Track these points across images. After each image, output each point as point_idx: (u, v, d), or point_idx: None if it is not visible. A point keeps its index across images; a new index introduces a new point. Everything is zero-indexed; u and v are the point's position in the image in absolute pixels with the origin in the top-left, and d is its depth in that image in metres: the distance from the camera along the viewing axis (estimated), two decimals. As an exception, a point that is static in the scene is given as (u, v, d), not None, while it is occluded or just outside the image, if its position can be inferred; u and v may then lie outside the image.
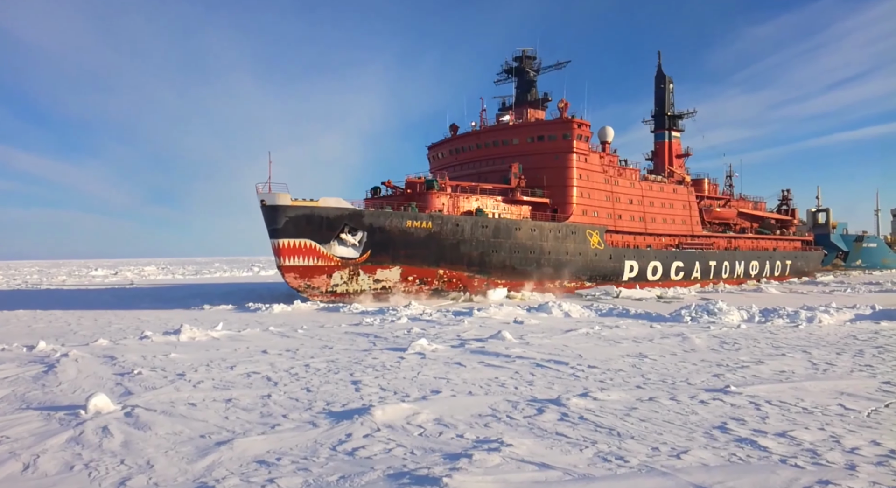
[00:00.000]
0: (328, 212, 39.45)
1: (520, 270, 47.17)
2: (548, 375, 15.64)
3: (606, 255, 53.27)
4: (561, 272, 49.77)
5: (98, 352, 20.31)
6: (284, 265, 39.18)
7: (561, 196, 52.48)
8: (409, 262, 42.49)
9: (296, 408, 12.40)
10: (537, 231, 48.00)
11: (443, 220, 43.11)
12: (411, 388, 14.19)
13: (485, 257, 45.16)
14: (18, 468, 8.90)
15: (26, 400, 13.28)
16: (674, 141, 77.38)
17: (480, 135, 56.00)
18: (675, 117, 78.56)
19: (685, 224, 64.12)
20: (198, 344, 22.49)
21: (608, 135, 60.00)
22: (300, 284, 40.13)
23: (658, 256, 58.58)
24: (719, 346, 20.56)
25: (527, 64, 59.28)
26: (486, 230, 45.09)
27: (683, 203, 64.42)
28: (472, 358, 18.41)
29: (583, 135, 53.18)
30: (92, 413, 11.75)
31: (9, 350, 20.86)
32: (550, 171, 52.71)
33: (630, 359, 17.99)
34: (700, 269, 62.86)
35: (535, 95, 58.93)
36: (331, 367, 17.05)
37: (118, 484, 8.26)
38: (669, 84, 78.11)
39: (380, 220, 41.01)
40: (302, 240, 39.02)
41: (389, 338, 23.61)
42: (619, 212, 56.71)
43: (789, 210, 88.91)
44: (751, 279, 70.59)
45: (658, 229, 60.85)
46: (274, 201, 38.36)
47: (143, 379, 15.48)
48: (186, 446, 9.91)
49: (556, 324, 27.84)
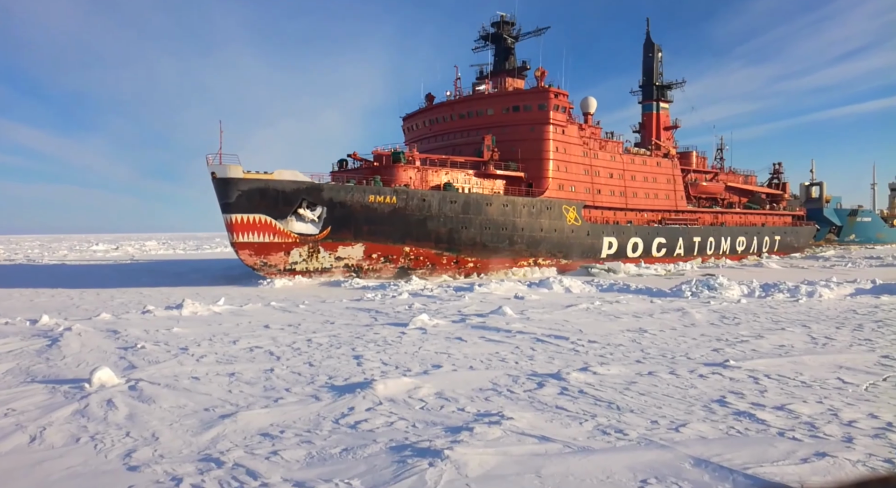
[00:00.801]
0: (284, 185, 37.34)
1: (491, 247, 45.24)
2: (548, 350, 15.74)
3: (584, 232, 51.09)
4: (535, 249, 47.84)
5: (101, 326, 20.44)
6: (238, 241, 37.28)
7: (536, 170, 49.93)
8: (372, 239, 40.66)
9: (298, 382, 12.51)
10: (510, 206, 45.80)
11: (408, 195, 41.06)
12: (413, 363, 14.29)
13: (454, 234, 43.18)
14: (25, 440, 9.01)
15: (31, 374, 13.40)
16: (662, 112, 74.42)
17: (455, 105, 53.07)
18: (664, 88, 75.26)
19: (669, 199, 61.79)
20: (200, 318, 22.63)
21: (590, 107, 57.80)
22: (255, 262, 38.25)
23: (639, 232, 56.55)
24: (719, 321, 20.65)
25: (505, 30, 55.59)
26: (455, 205, 42.96)
27: (668, 177, 61.94)
28: (472, 333, 18.51)
29: (560, 106, 50.34)
30: (96, 386, 11.86)
31: (12, 324, 20.99)
32: (525, 144, 49.97)
33: (630, 334, 18.09)
34: (683, 246, 60.91)
35: (514, 64, 55.60)
36: (333, 342, 17.17)
37: (124, 455, 8.37)
38: (658, 52, 74.67)
39: (340, 195, 38.99)
40: (256, 215, 37.03)
41: (391, 313, 23.73)
42: (598, 186, 54.31)
43: (780, 184, 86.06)
44: (737, 256, 68.27)
45: (640, 204, 58.51)
46: (225, 174, 36.11)
47: (147, 354, 15.60)
48: (191, 419, 10.02)
49: (557, 300, 27.94)
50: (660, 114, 74.03)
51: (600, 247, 52.39)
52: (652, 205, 59.84)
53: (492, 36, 55.89)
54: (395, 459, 8.05)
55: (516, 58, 56.08)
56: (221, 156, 36.47)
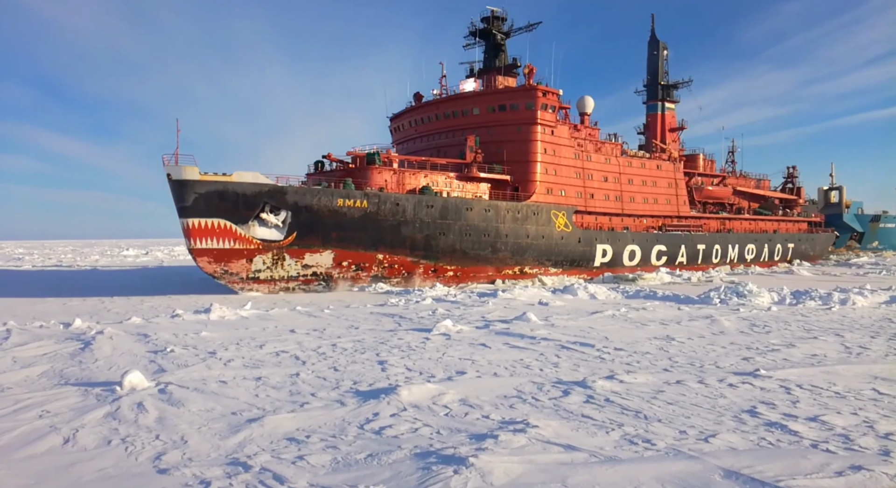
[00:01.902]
0: (244, 188, 34.83)
1: (472, 255, 42.38)
2: (573, 357, 15.60)
3: (574, 238, 47.85)
4: (521, 257, 44.97)
5: (132, 329, 20.86)
6: (195, 248, 34.77)
7: (523, 173, 46.86)
8: (342, 246, 38.06)
9: (324, 387, 12.59)
10: (492, 211, 42.82)
11: (380, 199, 38.41)
12: (437, 369, 14.29)
13: (431, 240, 40.43)
14: (59, 441, 9.22)
15: (64, 376, 13.72)
16: (667, 113, 71.12)
17: (440, 104, 49.94)
18: (669, 87, 72.06)
19: (670, 204, 58.29)
20: (227, 322, 22.94)
21: (587, 107, 54.99)
22: (215, 270, 35.73)
23: (636, 239, 53.15)
24: (749, 329, 20.25)
25: (495, 26, 52.57)
26: (432, 210, 40.14)
27: (669, 180, 58.46)
28: (496, 339, 18.45)
29: (549, 105, 47.34)
30: (127, 389, 12.10)
31: (46, 327, 21.54)
32: (512, 145, 47.03)
33: (657, 342, 17.84)
34: (686, 253, 57.27)
35: (505, 61, 52.62)
36: (357, 347, 17.26)
37: (154, 458, 8.51)
38: (663, 50, 71.78)
39: (306, 198, 36.38)
40: (215, 219, 34.51)
41: (414, 318, 23.77)
42: (591, 190, 51.24)
43: (794, 188, 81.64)
44: (746, 264, 64.72)
45: (637, 210, 55.22)
46: (180, 175, 33.61)
47: (176, 357, 15.86)
48: (219, 422, 10.15)
49: (582, 306, 27.70)
50: (665, 114, 70.97)
51: (593, 254, 49.39)
52: (651, 210, 56.75)
53: (481, 32, 52.92)
54: (420, 466, 8.04)
55: (507, 55, 53.28)
56: (178, 157, 34.06)
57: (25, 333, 20.05)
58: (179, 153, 34.12)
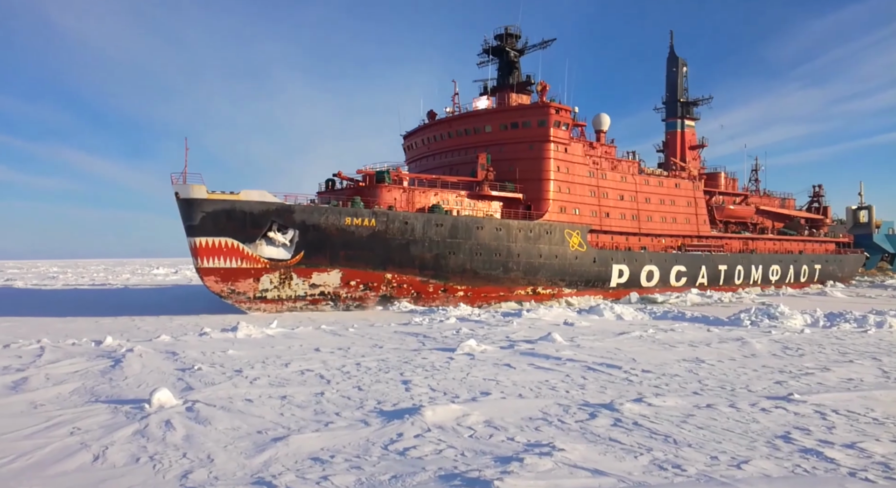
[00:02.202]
0: (251, 206, 34.80)
1: (483, 275, 41.73)
2: (600, 379, 15.38)
3: (589, 258, 46.87)
4: (533, 277, 44.16)
5: (160, 347, 21.18)
6: (203, 267, 34.68)
7: (535, 191, 46.10)
8: (350, 265, 37.67)
9: (348, 407, 12.59)
10: (503, 230, 42.18)
11: (388, 217, 38.00)
12: (461, 389, 14.20)
13: (440, 260, 39.88)
14: (89, 459, 9.36)
15: (95, 394, 13.97)
16: (687, 130, 70.22)
17: (452, 122, 49.66)
18: (689, 104, 71.07)
19: (689, 223, 56.99)
20: (254, 341, 23.16)
21: (603, 124, 54.25)
22: (222, 289, 35.53)
23: (654, 259, 51.78)
24: (781, 352, 19.75)
25: (509, 43, 52.16)
26: (442, 229, 39.64)
27: (688, 199, 57.26)
28: (521, 359, 18.28)
29: (562, 122, 46.66)
30: (156, 407, 12.25)
31: (78, 345, 22.00)
32: (524, 163, 46.53)
33: (686, 364, 17.49)
34: (707, 274, 55.88)
35: (518, 78, 52.04)
36: (381, 366, 17.25)
37: (181, 476, 8.58)
38: (683, 67, 70.92)
39: (313, 217, 36.13)
40: (222, 238, 34.49)
41: (438, 338, 23.71)
42: (606, 209, 50.16)
43: (821, 207, 78.91)
44: (772, 286, 63.02)
45: (655, 229, 53.96)
46: (188, 194, 33.64)
47: (203, 375, 16.04)
48: (244, 441, 10.21)
49: (608, 327, 27.35)
50: (684, 132, 70.05)
51: (609, 274, 48.28)
52: (670, 229, 55.37)
53: (495, 49, 52.76)
54: (445, 488, 7.96)
55: (521, 72, 52.85)
56: (186, 176, 33.93)
57: (58, 351, 20.51)
58: (188, 172, 34.10)
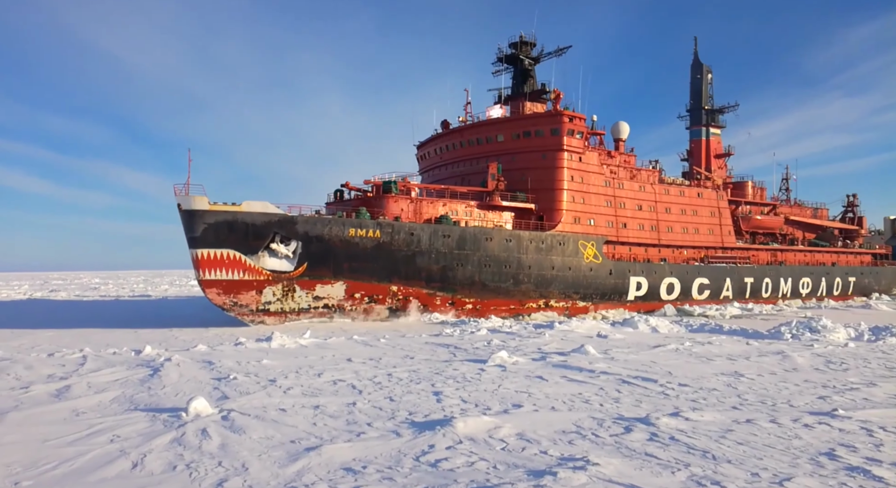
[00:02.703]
0: (254, 217, 34.26)
1: (492, 287, 40.51)
2: (635, 392, 15.09)
3: (605, 270, 45.15)
4: (545, 290, 42.61)
5: (197, 357, 21.59)
6: (204, 279, 34.07)
7: (548, 201, 44.77)
8: (354, 277, 36.95)
9: (379, 417, 12.62)
10: (513, 241, 40.97)
11: (393, 228, 37.19)
12: (492, 401, 14.10)
13: (447, 272, 38.88)
14: (128, 466, 9.57)
15: (134, 402, 14.30)
16: (712, 138, 68.03)
17: (464, 131, 48.71)
18: (714, 112, 68.89)
19: (713, 234, 54.87)
20: (287, 351, 23.43)
21: (622, 132, 52.69)
22: (225, 301, 34.76)
23: (675, 271, 49.65)
24: (824, 366, 19.10)
25: (523, 51, 51.13)
26: (449, 240, 38.66)
27: (711, 209, 55.23)
28: (554, 372, 18.07)
29: (575, 131, 45.32)
30: (192, 415, 12.48)
31: (119, 354, 22.58)
32: (537, 172, 45.25)
33: (724, 378, 17.05)
34: (732, 287, 53.70)
35: (533, 86, 50.98)
36: (412, 377, 17.26)
37: (216, 484, 8.70)
38: (707, 74, 68.86)
39: (317, 228, 35.48)
40: (224, 250, 33.92)
41: (469, 349, 23.62)
42: (623, 219, 48.49)
43: (855, 217, 75.00)
44: (800, 298, 60.02)
45: (676, 240, 52.06)
46: (190, 205, 33.21)
47: (238, 385, 16.28)
48: (278, 450, 10.31)
49: (643, 340, 26.87)
50: (709, 140, 67.83)
51: (626, 287, 46.43)
52: (692, 240, 53.33)
53: (510, 58, 51.79)
54: (477, 501, 7.88)
55: (536, 80, 51.69)
56: (189, 187, 33.47)
57: (100, 360, 21.08)
58: (191, 182, 33.74)
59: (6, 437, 11.10)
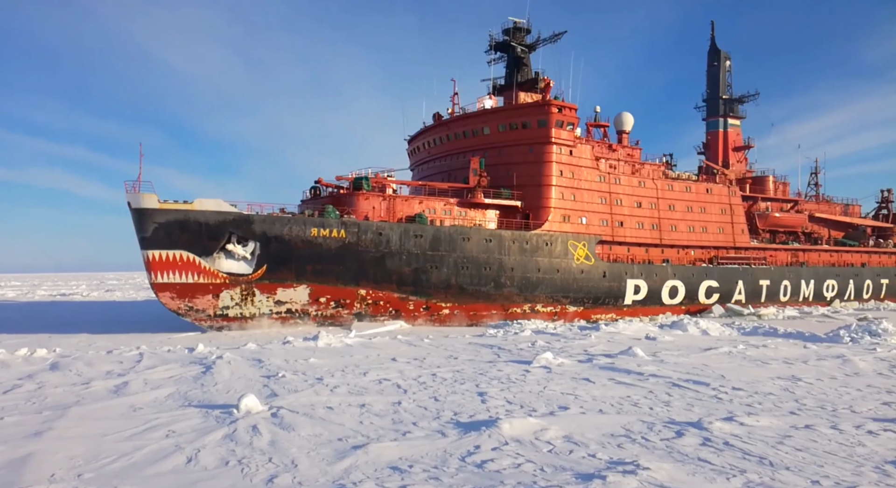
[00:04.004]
0: (207, 216, 32.32)
1: (471, 291, 38.16)
2: (686, 396, 14.68)
3: (598, 272, 42.34)
4: (531, 294, 40.17)
5: (247, 355, 22.12)
6: (156, 282, 32.20)
7: (534, 198, 41.88)
8: (319, 280, 34.85)
9: (425, 417, 12.64)
10: (494, 241, 38.44)
11: (359, 228, 35.04)
12: (538, 403, 13.94)
13: (421, 274, 36.67)
14: (183, 461, 9.86)
15: (188, 398, 14.74)
16: (730, 130, 63.80)
17: (451, 124, 45.77)
18: (733, 101, 64.68)
19: (723, 232, 51.20)
20: (333, 350, 23.77)
21: (626, 124, 49.83)
22: (179, 306, 32.96)
23: (679, 273, 46.52)
24: (888, 371, 18.17)
25: (517, 38, 48.22)
26: (421, 240, 36.39)
27: (722, 206, 51.51)
28: (601, 374, 17.76)
29: (565, 122, 42.23)
30: (243, 412, 12.77)
31: (173, 351, 23.35)
32: (523, 167, 42.30)
33: (781, 382, 16.41)
34: (745, 290, 50.23)
35: (528, 75, 47.83)
36: (457, 377, 17.24)
37: (266, 480, 8.86)
38: (725, 61, 64.74)
39: (275, 228, 33.42)
40: (177, 251, 32.05)
41: (513, 350, 23.46)
42: (619, 217, 45.20)
43: (890, 214, 69.59)
44: (824, 302, 56.15)
45: (680, 239, 48.67)
46: (139, 203, 31.48)
47: (287, 382, 16.59)
48: (326, 448, 10.44)
49: (693, 342, 26.16)
50: (727, 132, 63.74)
51: (623, 290, 43.63)
52: (699, 240, 49.86)
53: (503, 45, 48.72)
54: (524, 504, 7.79)
55: (531, 69, 48.49)
56: (140, 184, 31.77)
57: (155, 357, 21.84)
58: (142, 180, 32.01)
59: (69, 431, 11.59)
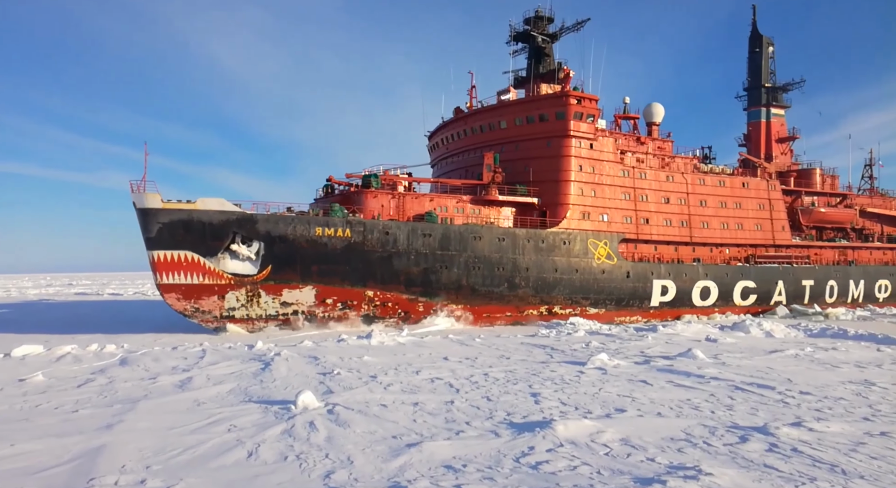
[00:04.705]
0: (210, 216, 31.55)
1: (483, 292, 36.53)
2: (750, 400, 14.11)
3: (621, 273, 40.00)
4: (547, 295, 38.17)
5: (304, 352, 22.64)
6: (162, 283, 31.67)
7: (552, 194, 39.74)
8: (324, 281, 33.62)
9: (477, 416, 12.60)
10: (507, 240, 36.74)
11: (365, 227, 33.79)
12: (593, 404, 13.69)
13: (430, 275, 35.22)
14: (244, 455, 10.16)
15: (248, 394, 15.19)
16: (774, 120, 59.57)
17: (468, 119, 43.91)
18: (777, 89, 60.60)
19: (761, 229, 47.92)
20: (386, 348, 24.04)
21: (655, 115, 47.06)
22: (185, 308, 32.25)
23: (711, 273, 43.62)
24: (975, 376, 16.96)
25: (539, 27, 45.93)
26: (430, 239, 34.97)
27: (759, 201, 48.13)
28: (658, 376, 17.29)
29: (585, 113, 39.99)
30: (301, 408, 13.06)
31: (234, 348, 24.13)
32: (540, 162, 40.23)
33: (853, 386, 15.57)
34: (786, 291, 46.94)
35: (551, 66, 45.54)
36: (509, 378, 17.13)
37: (324, 476, 9.03)
38: (768, 47, 60.66)
39: (279, 227, 32.52)
40: (182, 251, 31.45)
41: (567, 351, 23.13)
42: (645, 214, 42.56)
43: None
44: (877, 303, 52.02)
45: (713, 237, 45.72)
46: (143, 203, 30.96)
47: (342, 380, 16.88)
48: (380, 445, 10.55)
49: (757, 344, 25.17)
50: (770, 122, 59.59)
51: (648, 291, 41.08)
52: (734, 237, 46.77)
53: (524, 35, 46.37)
54: (581, 507, 7.65)
55: (554, 60, 46.22)
56: (145, 184, 31.20)
57: (217, 353, 22.62)
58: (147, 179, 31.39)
59: (139, 424, 12.14)
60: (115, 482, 8.77)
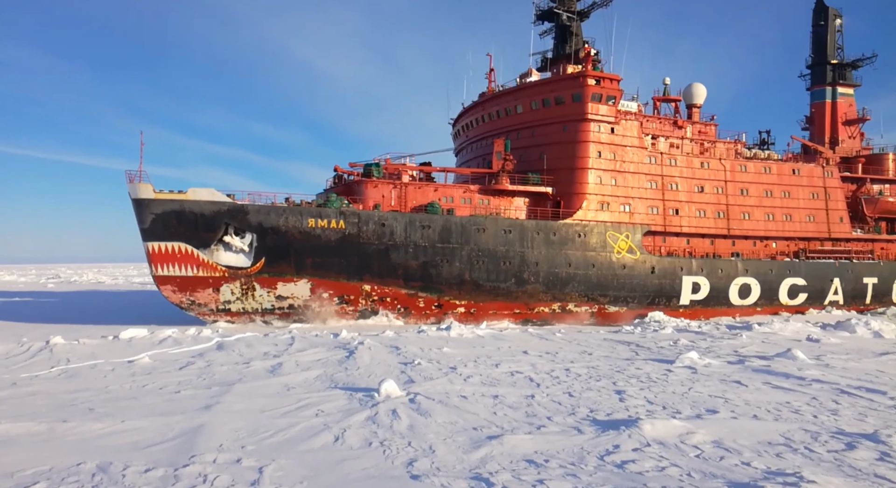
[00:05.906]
0: (201, 207, 30.88)
1: (488, 287, 34.10)
2: (857, 404, 13.07)
3: (645, 268, 36.72)
4: (560, 291, 35.24)
5: (386, 342, 23.15)
6: (157, 275, 31.27)
7: (567, 183, 36.77)
8: (319, 274, 32.35)
9: (559, 412, 12.40)
10: (514, 232, 34.28)
11: (359, 219, 32.21)
12: (682, 404, 13.13)
13: (430, 269, 33.24)
14: (331, 439, 10.50)
15: (334, 380, 15.70)
16: (840, 101, 53.58)
17: (486, 104, 41.21)
18: (844, 66, 54.50)
19: (815, 221, 43.29)
20: (465, 340, 24.15)
21: (696, 97, 43.24)
22: (181, 300, 31.71)
23: (752, 269, 39.48)
24: None
25: (567, 4, 42.73)
26: (429, 231, 33.05)
27: (813, 189, 43.57)
28: (754, 377, 16.36)
29: (604, 95, 36.77)
30: (383, 396, 13.35)
31: (320, 336, 25.04)
32: (555, 148, 37.32)
33: (980, 395, 14.08)
34: (843, 289, 42.29)
35: (578, 45, 42.19)
36: (592, 374, 16.74)
37: (407, 463, 9.18)
38: (835, 19, 54.71)
39: (270, 219, 31.43)
40: (175, 243, 30.95)
41: (653, 348, 22.34)
42: (674, 204, 38.93)
43: None
44: None
45: (754, 229, 41.32)
46: (136, 194, 30.62)
47: (422, 370, 17.11)
48: (461, 436, 10.60)
49: (864, 345, 23.32)
50: (836, 102, 53.57)
51: (677, 288, 37.53)
52: (781, 230, 42.27)
53: (547, 13, 43.18)
54: (670, 510, 7.35)
55: (582, 39, 42.78)
56: (140, 174, 30.84)
57: (305, 341, 23.55)
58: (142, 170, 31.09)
59: (234, 406, 12.83)
60: (213, 460, 9.30)
